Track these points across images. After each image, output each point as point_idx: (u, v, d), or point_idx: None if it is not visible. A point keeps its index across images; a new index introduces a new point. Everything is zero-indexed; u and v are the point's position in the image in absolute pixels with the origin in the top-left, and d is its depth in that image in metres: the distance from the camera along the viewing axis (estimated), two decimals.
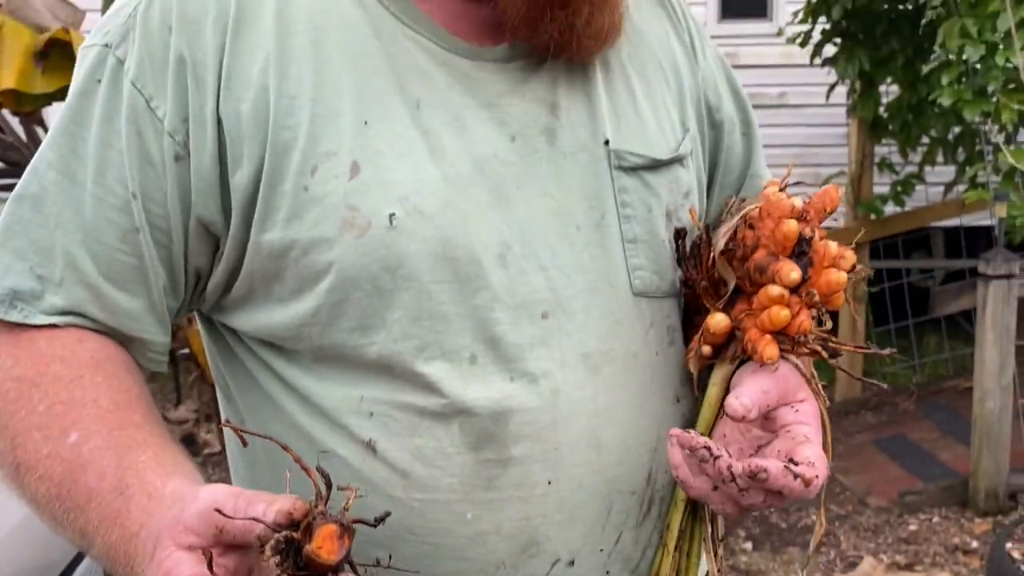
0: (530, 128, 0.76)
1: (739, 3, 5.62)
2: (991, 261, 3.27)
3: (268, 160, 0.70)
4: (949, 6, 3.43)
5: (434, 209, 0.72)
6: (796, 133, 5.63)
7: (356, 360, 0.74)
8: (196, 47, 0.70)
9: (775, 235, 0.73)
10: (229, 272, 0.75)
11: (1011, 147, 3.72)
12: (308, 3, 0.72)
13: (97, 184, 0.71)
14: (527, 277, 0.74)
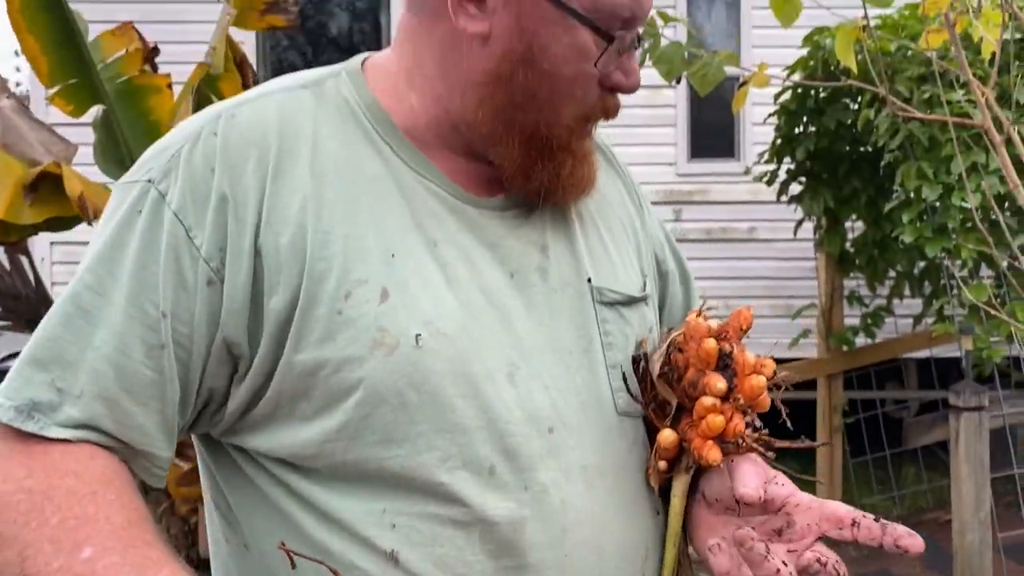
0: (526, 266, 0.86)
1: (708, 143, 5.88)
2: (961, 393, 3.32)
3: (305, 287, 0.77)
4: (906, 149, 3.62)
5: (454, 332, 0.80)
6: (767, 266, 5.79)
7: (379, 473, 0.78)
8: (237, 187, 0.78)
9: (699, 353, 0.85)
10: (253, 392, 0.80)
11: (974, 281, 3.84)
12: (336, 155, 0.82)
13: (131, 303, 0.77)
14: (533, 395, 0.82)
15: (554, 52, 0.80)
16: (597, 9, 0.80)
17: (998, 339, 3.71)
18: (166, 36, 4.67)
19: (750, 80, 2.22)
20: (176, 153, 0.79)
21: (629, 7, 0.81)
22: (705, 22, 6.08)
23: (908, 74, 3.61)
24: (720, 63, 2.38)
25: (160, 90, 3.13)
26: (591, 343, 0.87)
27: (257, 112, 0.82)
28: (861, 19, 1.98)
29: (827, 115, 4.19)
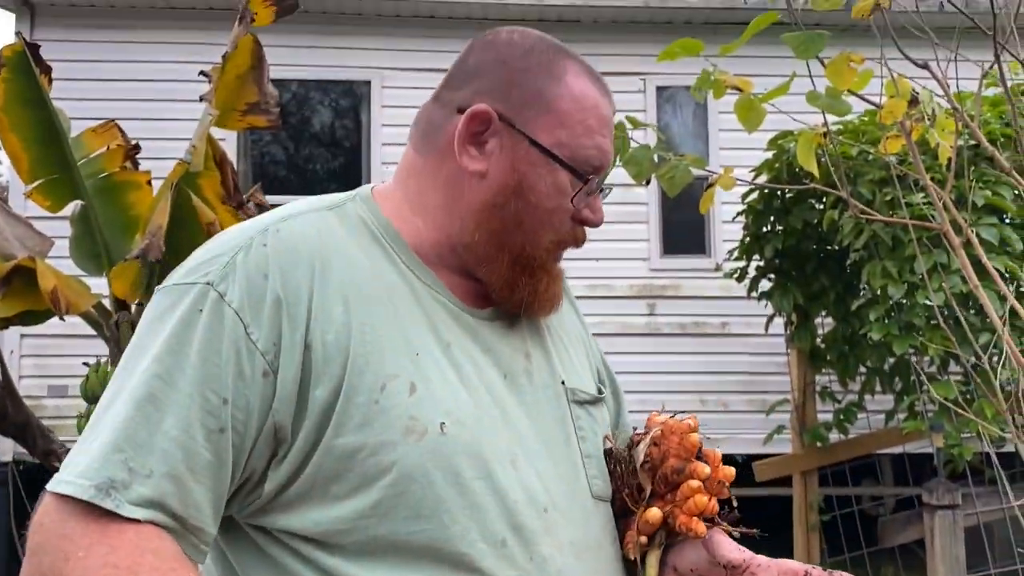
0: (516, 369, 1.01)
1: (680, 240, 6.00)
2: (934, 491, 3.32)
3: (347, 379, 0.88)
4: (871, 249, 3.71)
5: (469, 421, 0.92)
6: (740, 361, 5.83)
7: (407, 546, 0.88)
8: (289, 291, 0.90)
9: (684, 444, 1.00)
10: (292, 472, 0.89)
11: (943, 378, 3.89)
12: (363, 267, 0.96)
13: (196, 391, 0.86)
14: (531, 479, 0.95)
15: (539, 188, 0.98)
16: (574, 157, 0.98)
17: (969, 436, 3.74)
18: (148, 133, 4.75)
19: (716, 182, 2.29)
20: (231, 260, 0.90)
21: (598, 157, 1.00)
22: (675, 124, 6.29)
23: (870, 177, 3.74)
24: (687, 166, 2.46)
25: (140, 186, 3.17)
26: (569, 437, 1.01)
27: (298, 228, 0.94)
28: (822, 125, 2.07)
29: (793, 215, 4.31)
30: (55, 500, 0.83)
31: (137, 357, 0.88)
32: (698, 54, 2.06)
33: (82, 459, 0.83)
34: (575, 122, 0.99)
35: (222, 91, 3.06)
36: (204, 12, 5.85)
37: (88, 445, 0.84)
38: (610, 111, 1.03)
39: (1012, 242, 3.50)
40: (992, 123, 3.76)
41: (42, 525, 0.83)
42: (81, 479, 0.82)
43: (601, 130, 1.00)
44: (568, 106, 0.99)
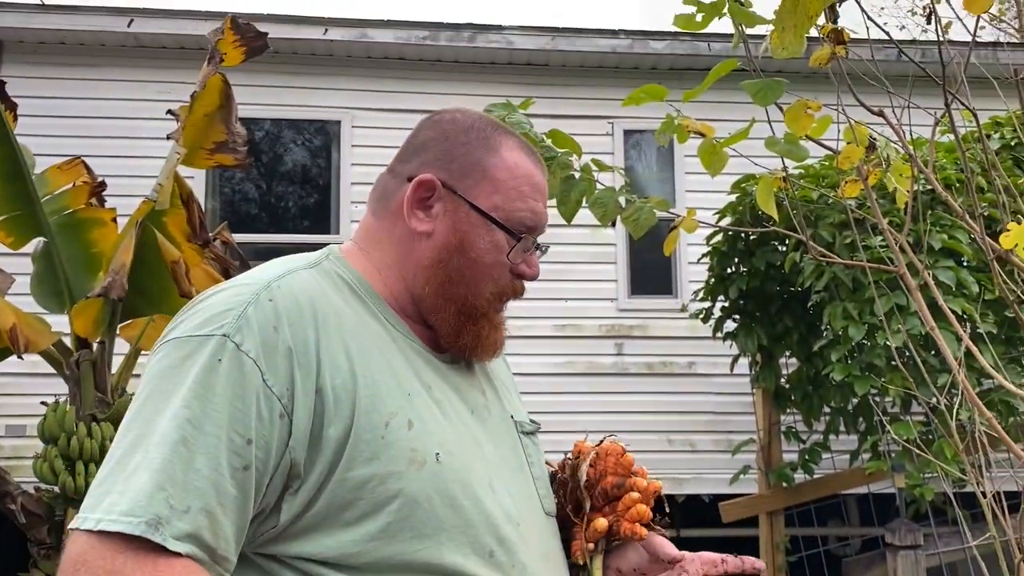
0: (479, 406, 1.16)
1: (647, 281, 6.05)
2: (896, 531, 3.34)
3: (356, 418, 1.00)
4: (832, 291, 3.78)
5: (456, 451, 1.05)
6: (706, 401, 5.86)
7: (411, 563, 1.00)
8: (298, 341, 1.00)
9: (621, 463, 1.19)
10: (306, 503, 0.98)
11: (905, 418, 3.94)
12: (350, 319, 1.07)
13: (224, 433, 0.95)
14: (504, 499, 1.09)
15: (479, 246, 1.13)
16: (509, 219, 1.13)
17: (932, 476, 3.78)
18: (115, 170, 4.73)
19: (679, 225, 2.33)
20: (243, 313, 1.00)
21: (531, 219, 1.15)
22: (642, 167, 6.38)
23: (830, 220, 3.81)
24: (651, 208, 2.50)
25: (104, 223, 3.14)
26: (522, 462, 1.17)
27: (294, 284, 1.05)
28: (782, 170, 2.12)
29: (757, 257, 4.37)
30: (94, 538, 0.89)
31: (160, 401, 0.96)
32: (662, 99, 2.10)
33: (123, 499, 0.90)
34: (509, 188, 1.13)
35: (190, 130, 3.06)
36: (174, 51, 5.87)
37: (126, 486, 0.91)
38: (543, 179, 1.17)
39: (968, 284, 3.58)
40: (948, 168, 3.86)
41: (86, 563, 0.89)
42: (128, 517, 0.89)
43: (533, 195, 1.15)
44: (503, 175, 1.14)
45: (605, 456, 1.19)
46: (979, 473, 1.91)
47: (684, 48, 6.01)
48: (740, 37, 1.92)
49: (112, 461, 0.94)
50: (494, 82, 6.02)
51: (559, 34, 5.99)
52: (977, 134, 1.91)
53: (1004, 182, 2.09)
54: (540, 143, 2.24)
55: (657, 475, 4.23)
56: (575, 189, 2.33)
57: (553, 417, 5.45)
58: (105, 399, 3.01)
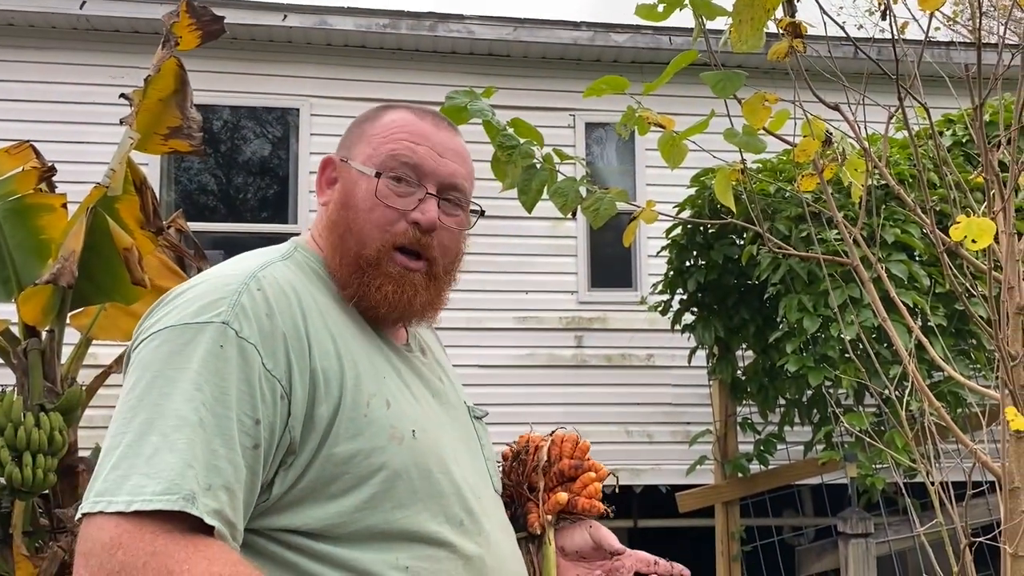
0: (439, 390, 1.24)
1: (607, 273, 6.08)
2: (848, 520, 3.40)
3: (343, 398, 1.07)
4: (787, 283, 3.83)
5: (429, 429, 1.14)
6: (664, 392, 5.91)
7: (391, 531, 1.07)
8: (289, 327, 1.07)
9: (579, 448, 1.29)
10: (296, 478, 1.04)
11: (858, 409, 4.02)
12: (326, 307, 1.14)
13: (235, 415, 1.00)
14: (466, 473, 1.17)
15: (357, 195, 1.19)
16: (380, 164, 1.18)
17: (884, 466, 3.86)
18: (66, 155, 4.62)
19: (638, 216, 2.34)
20: (236, 302, 1.05)
21: (404, 154, 1.18)
22: (603, 160, 6.40)
23: (787, 214, 3.86)
24: (611, 199, 2.51)
25: (53, 209, 3.07)
26: (476, 444, 1.27)
27: (276, 275, 1.11)
28: (739, 163, 2.13)
29: (715, 250, 4.41)
30: (127, 521, 0.92)
31: (166, 386, 0.99)
32: (624, 91, 2.10)
33: (152, 481, 0.93)
34: (380, 139, 1.20)
35: (144, 115, 3.00)
36: (128, 35, 5.75)
37: (150, 467, 0.94)
38: (430, 129, 1.21)
39: (920, 278, 3.65)
40: (902, 164, 3.93)
41: (123, 546, 0.90)
42: (166, 496, 0.92)
43: (410, 138, 1.19)
44: (377, 130, 1.22)
45: (561, 442, 1.30)
46: (928, 463, 1.95)
47: (646, 41, 6.03)
48: (700, 29, 1.93)
49: (122, 446, 0.96)
50: (455, 72, 6.00)
51: (521, 25, 5.98)
52: (930, 131, 1.94)
53: (955, 178, 2.13)
54: (502, 132, 2.23)
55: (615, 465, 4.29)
56: (536, 179, 2.32)
57: (513, 408, 5.47)
58: (54, 389, 2.94)
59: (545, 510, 1.26)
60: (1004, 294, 1.70)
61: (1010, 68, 1.85)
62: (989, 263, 1.71)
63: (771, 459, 4.83)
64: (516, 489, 1.30)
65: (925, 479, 1.90)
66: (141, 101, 2.96)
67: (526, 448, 1.32)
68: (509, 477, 1.31)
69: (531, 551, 1.27)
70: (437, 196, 1.20)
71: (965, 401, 3.71)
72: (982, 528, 2.30)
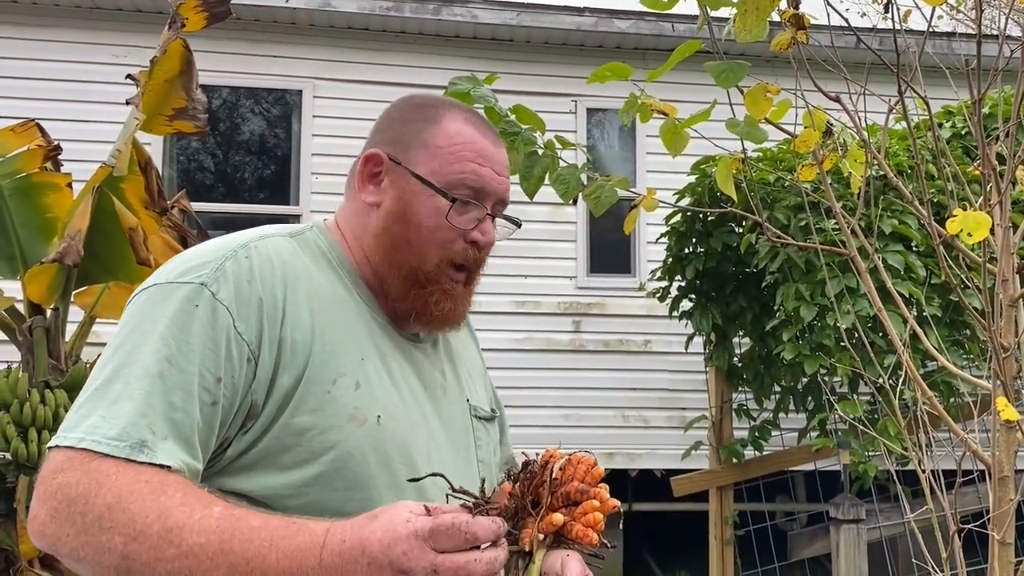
0: (434, 383, 1.23)
1: (606, 259, 6.11)
2: (840, 506, 3.45)
3: (308, 370, 1.08)
4: (785, 272, 3.86)
5: (399, 417, 1.13)
6: (661, 378, 5.95)
7: (340, 511, 1.02)
8: (268, 295, 1.09)
9: (592, 473, 1.20)
10: (251, 442, 1.06)
11: (852, 397, 4.06)
12: (321, 285, 1.15)
13: (197, 370, 1.03)
14: (440, 470, 1.11)
15: (420, 212, 1.18)
16: (447, 182, 1.18)
17: (876, 453, 3.90)
18: (71, 135, 4.63)
19: (639, 203, 2.37)
20: (220, 266, 1.08)
21: (473, 179, 1.19)
22: (604, 146, 6.41)
23: (786, 203, 3.89)
24: (613, 187, 2.53)
25: (59, 188, 3.09)
26: (469, 444, 1.24)
27: (270, 247, 1.13)
28: (741, 152, 2.16)
29: (714, 237, 4.44)
30: (76, 454, 0.96)
31: (139, 338, 1.03)
32: (627, 78, 2.13)
33: (106, 424, 0.97)
34: (446, 153, 1.18)
35: (149, 95, 3.01)
36: (131, 14, 5.74)
37: (108, 411, 0.98)
38: (491, 147, 1.21)
39: (916, 269, 3.68)
40: (901, 155, 3.95)
41: (62, 470, 0.95)
42: (115, 441, 0.96)
43: (476, 159, 1.19)
44: (441, 141, 1.19)
45: (576, 463, 1.24)
46: (920, 451, 1.99)
47: (649, 28, 6.03)
48: (705, 19, 1.95)
49: (90, 389, 1.01)
50: (458, 56, 6.00)
51: (524, 10, 5.97)
52: (929, 122, 1.96)
53: (953, 170, 2.16)
54: (504, 118, 2.25)
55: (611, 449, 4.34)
56: (538, 165, 2.35)
57: (511, 392, 5.51)
58: (58, 366, 2.97)
59: (538, 528, 1.19)
60: (998, 286, 1.73)
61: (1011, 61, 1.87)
62: (984, 255, 1.73)
63: (765, 445, 4.87)
64: (519, 501, 1.25)
65: (917, 467, 1.94)
66: (147, 82, 2.98)
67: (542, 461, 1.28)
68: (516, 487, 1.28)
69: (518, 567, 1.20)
70: (493, 215, 1.22)
71: (958, 391, 3.75)
72: (971, 515, 2.35)
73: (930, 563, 1.88)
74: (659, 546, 6.28)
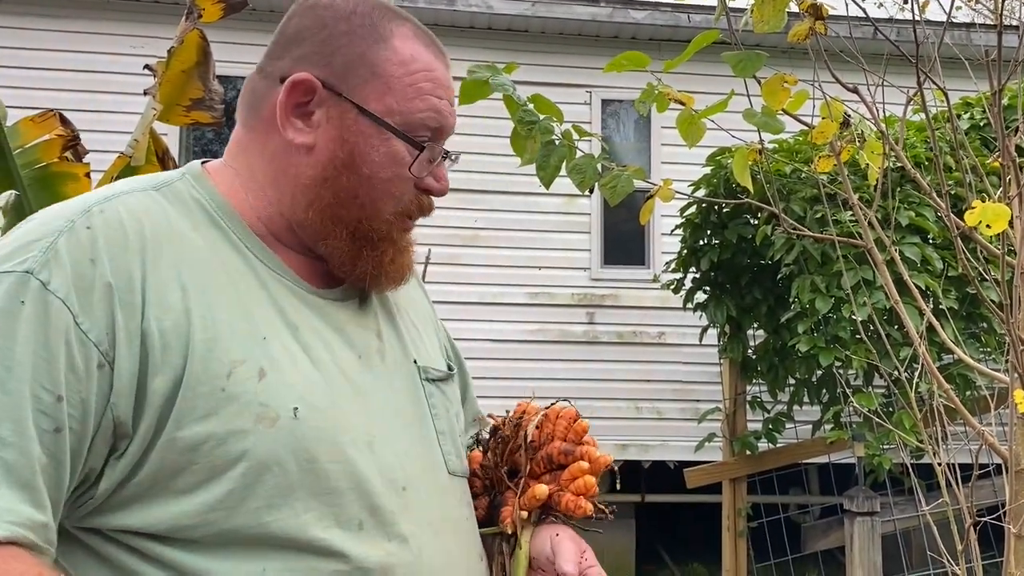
0: (368, 348, 0.98)
1: (620, 251, 6.10)
2: (855, 498, 3.44)
3: (188, 367, 0.83)
4: (800, 264, 3.84)
5: (324, 405, 0.89)
6: (675, 370, 5.95)
7: (259, 536, 0.85)
8: (119, 276, 0.83)
9: (574, 429, 1.02)
10: (131, 468, 0.83)
11: (867, 390, 4.04)
12: (199, 250, 0.90)
13: (28, 390, 0.78)
14: (389, 460, 0.93)
15: (373, 159, 0.93)
16: (408, 123, 0.94)
17: (891, 447, 3.89)
18: (89, 125, 4.65)
19: (656, 194, 2.37)
20: (52, 245, 0.82)
21: (435, 118, 0.95)
22: (618, 138, 6.40)
23: (802, 195, 3.87)
24: (629, 177, 2.53)
25: (78, 178, 3.11)
26: (423, 415, 1.01)
27: (125, 208, 0.87)
28: (757, 143, 2.15)
29: (729, 229, 4.42)
30: None
31: None
32: (644, 67, 2.12)
33: None
34: (405, 85, 0.93)
35: (167, 86, 3.03)
36: (149, 5, 5.76)
37: None
38: (445, 73, 0.98)
39: (932, 261, 3.66)
40: (918, 147, 3.93)
41: None
42: None
43: (435, 91, 0.95)
44: (396, 69, 0.94)
45: (555, 419, 1.04)
46: (936, 444, 1.98)
47: (664, 19, 6.01)
48: (723, 9, 1.94)
49: None
50: (473, 47, 5.99)
51: (539, 0, 5.96)
52: (948, 114, 1.95)
53: (972, 162, 2.14)
54: (522, 107, 2.26)
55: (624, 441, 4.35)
56: (555, 155, 2.35)
57: (524, 383, 5.52)
58: None
59: (520, 505, 1.00)
60: (1017, 279, 1.73)
61: None
62: (1003, 248, 1.73)
63: (779, 437, 4.86)
64: (494, 472, 1.04)
65: (932, 460, 1.93)
66: (164, 72, 2.99)
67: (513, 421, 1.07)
68: (489, 456, 1.06)
69: (503, 552, 1.02)
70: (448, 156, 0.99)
71: (974, 384, 3.73)
72: (987, 509, 2.34)
73: (945, 556, 1.88)
74: (672, 538, 6.29)
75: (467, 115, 2.97)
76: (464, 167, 6.85)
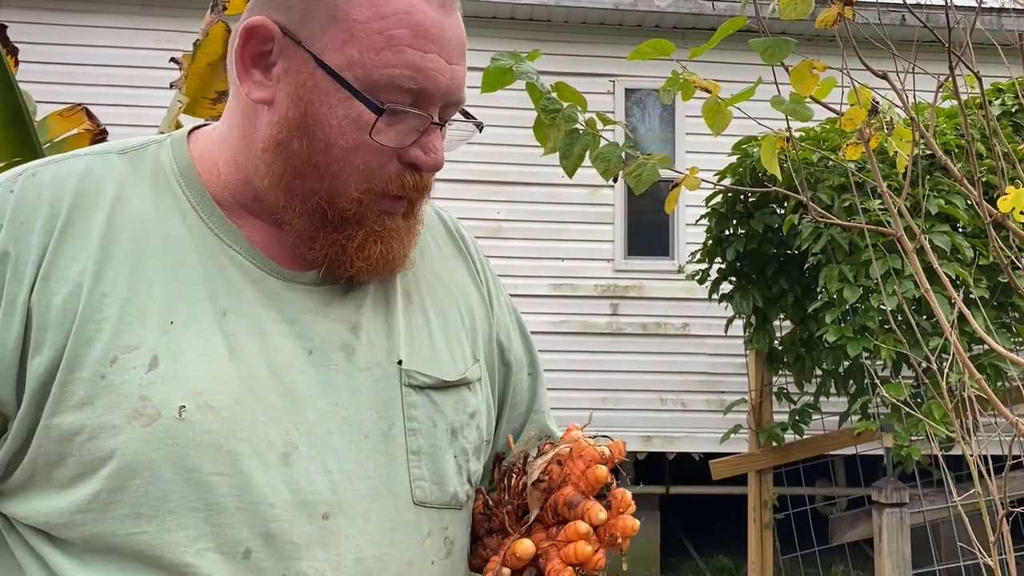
0: (329, 344, 0.83)
1: (644, 242, 6.08)
2: (883, 490, 3.41)
3: (69, 348, 0.75)
4: (828, 253, 3.81)
5: (224, 405, 0.77)
6: (700, 361, 5.92)
7: (126, 549, 0.75)
8: (21, 244, 0.77)
9: (587, 476, 0.82)
10: (13, 454, 0.77)
11: (895, 381, 4.00)
12: (137, 215, 0.81)
13: None
14: (311, 477, 0.78)
15: (329, 122, 0.79)
16: (370, 80, 0.78)
17: (919, 438, 3.85)
18: (116, 119, 4.70)
19: (682, 182, 2.35)
20: None
21: (411, 77, 0.78)
22: (642, 127, 6.36)
23: (829, 183, 3.83)
24: (654, 165, 2.52)
25: None
26: (391, 427, 0.84)
27: (60, 172, 0.81)
28: (785, 130, 2.13)
29: (755, 218, 4.39)
30: None
31: None
32: (669, 55, 2.11)
33: None
34: (371, 33, 0.78)
35: (193, 79, 3.05)
36: (175, 0, 5.82)
37: None
38: (440, 23, 0.81)
39: (963, 250, 3.61)
40: (948, 134, 3.87)
41: None
42: None
43: (416, 43, 0.78)
44: (362, 13, 0.78)
45: (576, 458, 0.84)
46: (968, 434, 1.96)
47: (688, 7, 5.96)
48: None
49: None
50: (496, 37, 5.97)
51: None
52: (979, 100, 1.92)
53: (1004, 148, 2.11)
54: (546, 95, 2.25)
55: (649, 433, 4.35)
56: (578, 143, 2.34)
57: (547, 375, 5.51)
58: None
59: (502, 563, 0.82)
60: None
61: None
62: None
63: (806, 429, 4.83)
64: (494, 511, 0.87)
65: (964, 450, 1.91)
66: (191, 65, 3.02)
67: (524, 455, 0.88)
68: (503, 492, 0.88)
69: None
70: (442, 123, 0.83)
71: (1006, 374, 3.68)
72: (1019, 501, 2.32)
73: (977, 547, 1.85)
74: (697, 529, 6.27)
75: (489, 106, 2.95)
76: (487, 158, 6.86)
